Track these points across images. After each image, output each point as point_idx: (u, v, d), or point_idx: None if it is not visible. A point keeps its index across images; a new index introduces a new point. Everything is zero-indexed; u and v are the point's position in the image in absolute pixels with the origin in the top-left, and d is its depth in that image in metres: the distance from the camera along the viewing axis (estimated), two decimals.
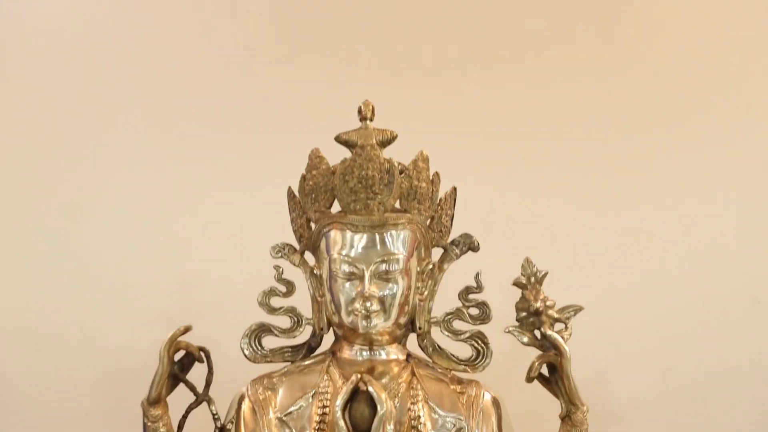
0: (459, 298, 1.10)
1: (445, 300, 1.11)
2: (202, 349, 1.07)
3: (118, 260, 1.57)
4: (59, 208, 1.56)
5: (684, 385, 1.55)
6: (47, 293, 1.55)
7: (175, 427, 1.07)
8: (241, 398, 1.07)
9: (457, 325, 1.10)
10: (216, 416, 1.08)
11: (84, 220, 1.57)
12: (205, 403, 1.08)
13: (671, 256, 1.57)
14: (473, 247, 1.10)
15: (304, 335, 1.11)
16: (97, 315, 1.55)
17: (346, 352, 1.08)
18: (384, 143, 1.05)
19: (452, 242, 1.10)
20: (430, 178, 1.07)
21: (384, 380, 1.05)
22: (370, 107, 1.07)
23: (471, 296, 1.10)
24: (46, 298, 1.56)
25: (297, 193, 1.10)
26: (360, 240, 1.05)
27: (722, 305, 1.56)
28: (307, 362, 1.10)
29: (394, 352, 1.08)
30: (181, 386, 1.08)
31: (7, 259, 1.55)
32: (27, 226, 1.56)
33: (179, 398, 1.08)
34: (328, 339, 1.12)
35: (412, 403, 1.05)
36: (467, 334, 1.10)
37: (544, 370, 1.06)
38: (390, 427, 0.99)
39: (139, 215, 1.57)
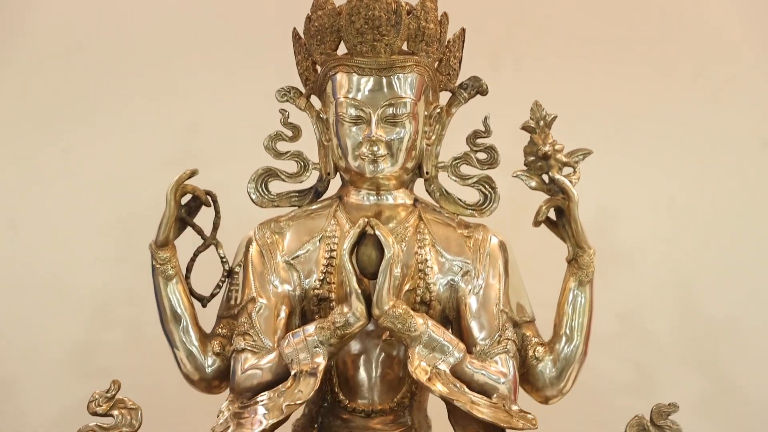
0: (467, 143, 1.09)
1: (453, 145, 1.10)
2: (208, 192, 1.07)
3: (127, 105, 1.55)
4: None
5: (692, 226, 1.55)
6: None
7: (183, 270, 1.07)
8: (249, 242, 1.07)
9: (465, 169, 1.09)
10: (224, 259, 1.08)
11: None
12: (213, 247, 1.09)
13: None
14: (482, 91, 1.08)
15: (310, 180, 1.11)
16: (104, 158, 1.55)
17: (353, 197, 1.08)
18: None
19: (460, 85, 1.09)
20: (438, 19, 1.05)
21: (391, 225, 1.05)
22: None
23: (479, 140, 1.09)
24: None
25: (302, 35, 1.07)
26: (367, 83, 1.03)
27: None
28: (314, 207, 1.10)
29: (401, 197, 1.08)
30: (189, 230, 1.08)
31: None
32: None
33: (187, 242, 1.08)
34: (335, 184, 1.12)
35: (419, 247, 1.05)
36: (474, 179, 1.09)
37: (552, 214, 1.06)
38: (397, 270, 0.99)
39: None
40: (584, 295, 1.06)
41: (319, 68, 1.07)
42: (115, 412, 1.04)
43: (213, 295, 1.09)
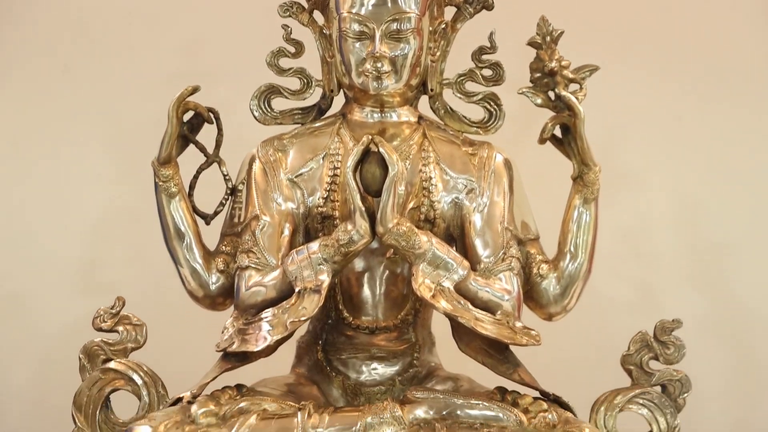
0: (472, 59, 1.07)
1: (458, 61, 1.08)
2: (210, 109, 1.06)
3: (129, 22, 1.54)
4: None
5: (698, 146, 1.54)
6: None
7: (186, 188, 1.07)
8: (252, 159, 1.07)
9: (470, 86, 1.08)
10: (227, 177, 1.08)
11: None
12: (215, 165, 1.08)
13: None
14: (487, 6, 1.07)
15: (313, 97, 1.10)
16: (105, 75, 1.54)
17: (357, 114, 1.07)
18: None
19: (465, 0, 1.07)
20: None
21: (395, 142, 1.04)
22: None
23: (484, 57, 1.07)
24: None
25: None
26: None
27: None
28: (317, 124, 1.09)
29: (405, 114, 1.07)
30: (192, 148, 1.07)
31: None
32: None
33: (190, 159, 1.08)
34: (339, 101, 1.10)
35: (423, 165, 1.05)
36: (480, 96, 1.08)
37: (557, 132, 1.05)
38: (401, 188, 0.99)
39: None
40: (589, 212, 1.05)
41: None
42: (120, 328, 1.04)
43: (216, 213, 1.09)
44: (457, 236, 1.06)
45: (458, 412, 0.95)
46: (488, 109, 1.08)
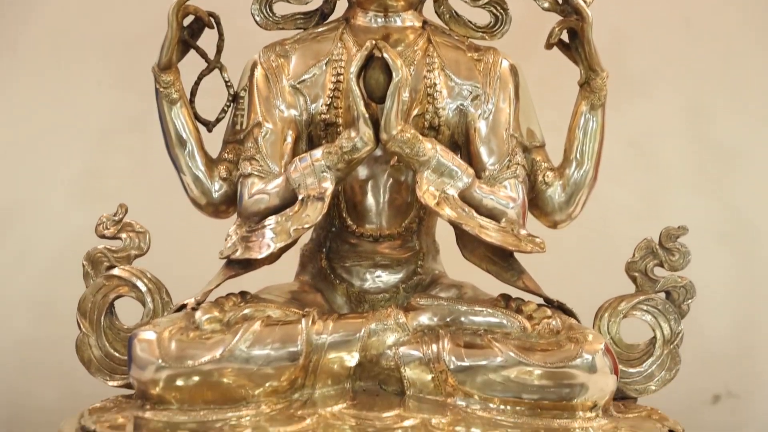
0: None
1: None
2: (211, 14, 1.04)
3: None
4: None
5: (706, 50, 1.52)
6: None
7: (187, 94, 1.06)
8: (254, 65, 1.05)
9: None
10: (228, 83, 1.07)
11: None
12: (217, 71, 1.06)
13: None
14: None
15: (315, 2, 1.08)
16: None
17: (360, 19, 1.05)
18: None
19: None
20: None
21: (399, 48, 1.02)
22: None
23: None
24: None
25: None
26: None
27: None
28: (319, 29, 1.07)
29: (409, 19, 1.05)
30: (193, 54, 1.06)
31: None
32: None
33: (191, 66, 1.06)
34: (342, 5, 1.08)
35: (428, 71, 1.03)
36: (485, 0, 1.06)
37: (564, 36, 1.04)
38: (405, 94, 0.97)
39: None
40: (596, 119, 1.04)
41: None
42: (123, 235, 1.04)
43: (218, 120, 1.07)
44: (461, 143, 1.05)
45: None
46: (494, 13, 1.06)
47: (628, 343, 1.05)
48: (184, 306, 0.99)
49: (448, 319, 0.96)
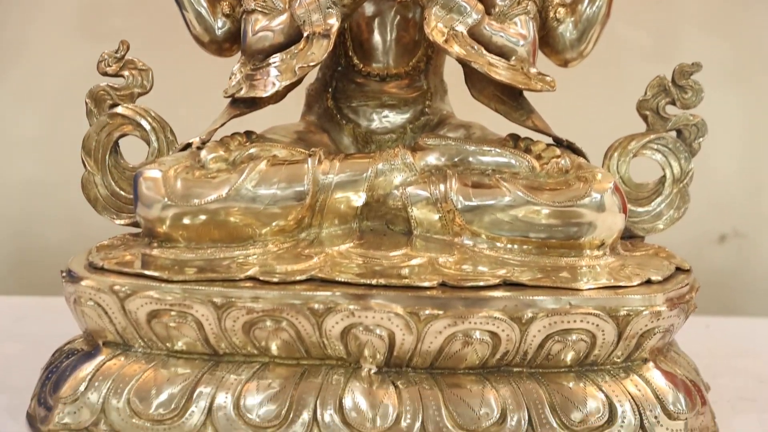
0: None
1: None
2: None
3: None
4: None
5: None
6: None
7: None
8: None
9: None
10: None
11: None
12: None
13: None
14: None
15: None
16: None
17: None
18: None
19: None
20: None
21: None
22: None
23: None
24: None
25: None
26: None
27: None
28: None
29: None
30: None
31: None
32: None
33: None
34: None
35: None
36: None
37: None
38: None
39: None
40: None
41: None
42: (126, 73, 1.03)
43: None
44: None
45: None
46: None
47: (638, 183, 1.04)
48: (189, 145, 0.98)
49: (455, 159, 0.95)
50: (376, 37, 1.04)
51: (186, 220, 0.91)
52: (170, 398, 0.88)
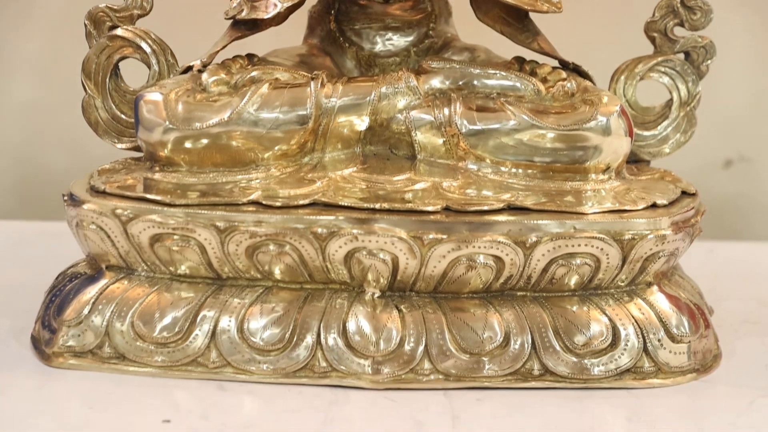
0: None
1: None
2: None
3: None
4: None
5: None
6: None
7: None
8: None
9: None
10: None
11: None
12: None
13: None
14: None
15: None
16: None
17: None
18: None
19: None
20: None
21: None
22: None
23: None
24: None
25: None
26: None
27: None
28: None
29: None
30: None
31: None
32: None
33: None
34: None
35: None
36: None
37: None
38: None
39: None
40: None
41: None
42: None
43: None
44: None
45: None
46: None
47: (644, 106, 1.03)
48: (190, 68, 0.97)
49: (460, 83, 0.94)
50: None
51: (188, 144, 0.90)
52: (174, 322, 0.88)
